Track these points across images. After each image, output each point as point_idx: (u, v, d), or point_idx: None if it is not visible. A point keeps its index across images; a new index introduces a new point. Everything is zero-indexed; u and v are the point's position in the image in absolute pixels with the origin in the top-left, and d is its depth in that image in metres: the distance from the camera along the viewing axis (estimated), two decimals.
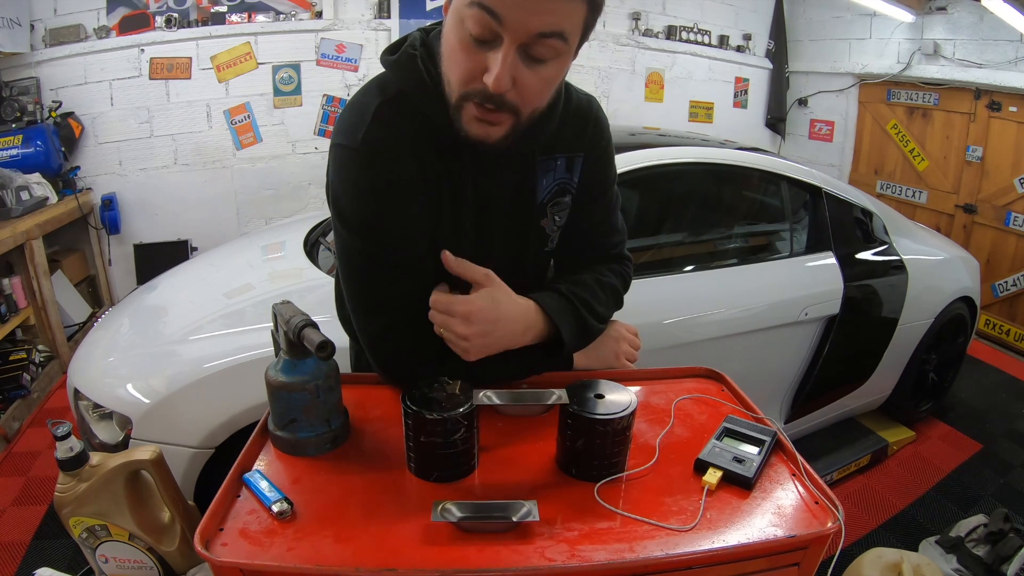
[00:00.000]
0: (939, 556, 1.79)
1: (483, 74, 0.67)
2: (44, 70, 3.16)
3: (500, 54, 0.65)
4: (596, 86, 4.08)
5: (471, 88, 0.69)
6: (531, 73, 0.68)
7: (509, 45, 0.65)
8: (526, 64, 0.68)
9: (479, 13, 0.64)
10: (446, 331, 0.77)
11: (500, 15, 0.63)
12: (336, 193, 0.79)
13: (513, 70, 0.67)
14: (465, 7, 0.65)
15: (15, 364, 2.62)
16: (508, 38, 0.65)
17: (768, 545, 0.63)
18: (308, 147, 3.65)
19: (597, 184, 0.93)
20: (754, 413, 0.84)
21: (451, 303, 0.76)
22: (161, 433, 1.43)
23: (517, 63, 0.67)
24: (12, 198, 2.67)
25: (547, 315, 0.83)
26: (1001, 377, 3.22)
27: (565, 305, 0.85)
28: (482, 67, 0.67)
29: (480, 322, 0.76)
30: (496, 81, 0.66)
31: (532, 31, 0.65)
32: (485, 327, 0.76)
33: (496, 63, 0.66)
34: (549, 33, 0.65)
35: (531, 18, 0.64)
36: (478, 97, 0.69)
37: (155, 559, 0.78)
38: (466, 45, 0.67)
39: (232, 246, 2.53)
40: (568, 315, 0.84)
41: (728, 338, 1.89)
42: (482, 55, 0.67)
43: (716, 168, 2.03)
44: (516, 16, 0.63)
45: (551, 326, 0.83)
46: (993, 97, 3.51)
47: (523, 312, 0.81)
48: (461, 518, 0.61)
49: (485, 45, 0.66)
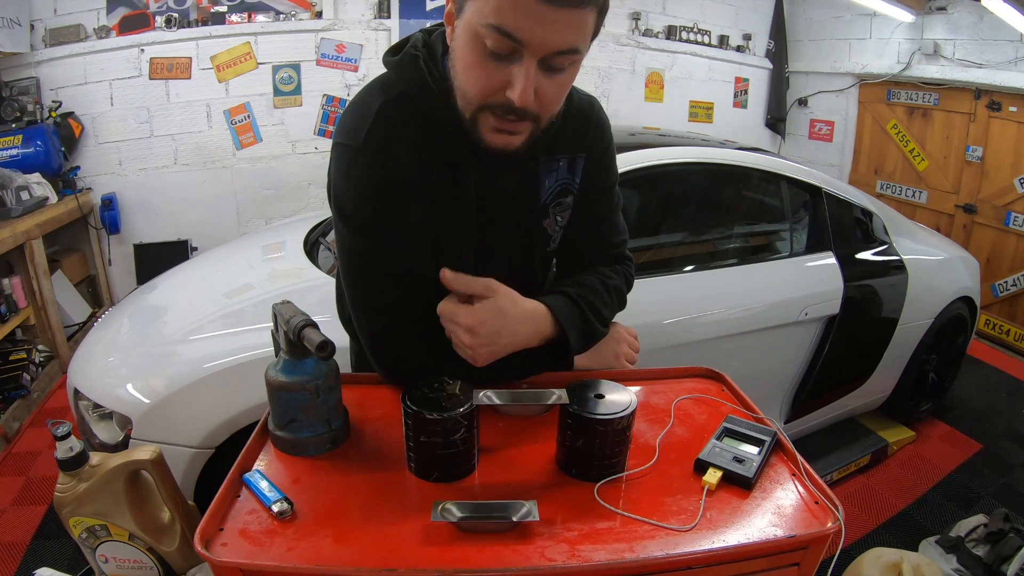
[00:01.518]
0: (939, 556, 1.79)
1: (503, 87, 0.69)
2: (44, 70, 3.16)
3: (522, 69, 0.67)
4: (596, 86, 4.08)
5: (492, 100, 0.70)
6: (550, 82, 0.70)
7: (531, 61, 0.67)
8: (545, 75, 0.69)
9: (498, 35, 0.65)
10: (454, 338, 0.78)
11: (521, 38, 0.65)
12: (338, 192, 0.80)
13: (535, 83, 0.68)
14: (483, 27, 0.66)
15: (15, 364, 2.62)
16: (529, 54, 0.66)
17: (768, 545, 0.63)
18: (308, 147, 3.65)
19: (599, 184, 0.93)
20: (754, 413, 0.84)
21: (455, 315, 0.77)
22: (161, 433, 1.43)
23: (538, 75, 0.68)
24: (12, 198, 2.67)
25: (556, 319, 0.83)
26: (1001, 377, 3.22)
27: (573, 309, 0.85)
28: (502, 81, 0.68)
29: (484, 334, 0.76)
30: (522, 96, 0.67)
31: (552, 49, 0.66)
32: (490, 338, 0.77)
33: (519, 78, 0.67)
34: (567, 50, 0.67)
35: (551, 38, 0.65)
36: (500, 109, 0.70)
37: (155, 559, 0.78)
38: (485, 60, 0.68)
39: (232, 246, 2.53)
40: (576, 319, 0.84)
41: (728, 338, 1.89)
42: (502, 69, 0.68)
43: (716, 168, 2.03)
44: (537, 38, 0.65)
45: (559, 330, 0.83)
46: (993, 97, 3.51)
47: (531, 317, 0.81)
48: (461, 518, 0.61)
49: (504, 59, 0.67)
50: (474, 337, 0.76)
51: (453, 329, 0.77)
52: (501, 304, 0.78)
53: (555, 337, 0.83)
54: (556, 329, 0.83)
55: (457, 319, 0.77)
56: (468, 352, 0.77)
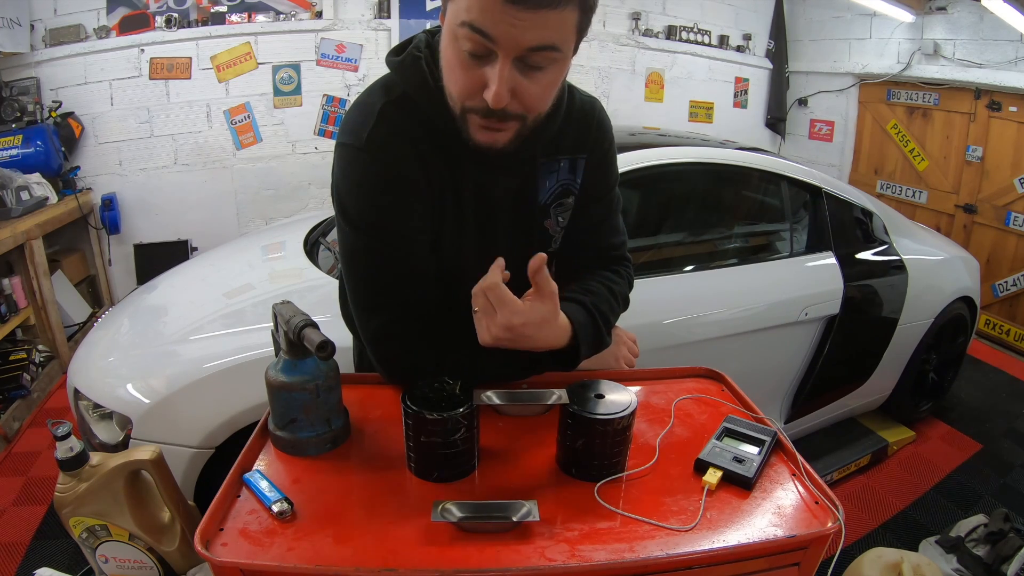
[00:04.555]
0: (939, 556, 1.79)
1: (482, 88, 0.68)
2: (44, 70, 3.15)
3: (495, 70, 0.66)
4: (596, 86, 4.08)
5: (472, 103, 0.70)
6: (530, 82, 0.69)
7: (504, 61, 0.66)
8: (524, 74, 0.68)
9: (470, 33, 0.65)
10: (482, 315, 0.73)
11: (491, 35, 0.64)
12: (340, 191, 0.80)
13: (511, 83, 0.67)
14: (457, 27, 0.66)
15: (15, 364, 2.62)
16: (502, 54, 0.65)
17: (768, 545, 0.63)
18: (308, 147, 3.65)
19: (599, 185, 0.93)
20: (754, 413, 0.84)
21: (501, 302, 0.71)
22: (161, 433, 1.43)
23: (514, 75, 0.67)
24: (12, 198, 2.67)
25: (573, 331, 0.81)
26: (1001, 377, 3.22)
27: (588, 319, 0.84)
28: (480, 82, 0.68)
29: (518, 336, 0.73)
30: (495, 98, 0.67)
31: (524, 46, 0.65)
32: (518, 340, 0.74)
33: (493, 80, 0.66)
34: (542, 47, 0.66)
35: (522, 35, 0.64)
36: (480, 112, 0.70)
37: (155, 559, 0.78)
38: (463, 61, 0.68)
39: (232, 246, 2.52)
40: (589, 329, 0.84)
41: (728, 338, 1.89)
42: (479, 70, 0.68)
43: (716, 168, 2.03)
44: (507, 34, 0.64)
45: (572, 341, 0.82)
46: (993, 97, 3.51)
47: (558, 335, 0.79)
48: (461, 518, 0.61)
49: (481, 60, 0.67)
50: (508, 331, 0.72)
51: (486, 310, 0.72)
52: (546, 314, 0.75)
53: (567, 345, 0.82)
54: (571, 340, 0.82)
55: (502, 306, 0.71)
56: (487, 336, 0.73)
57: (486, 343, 0.74)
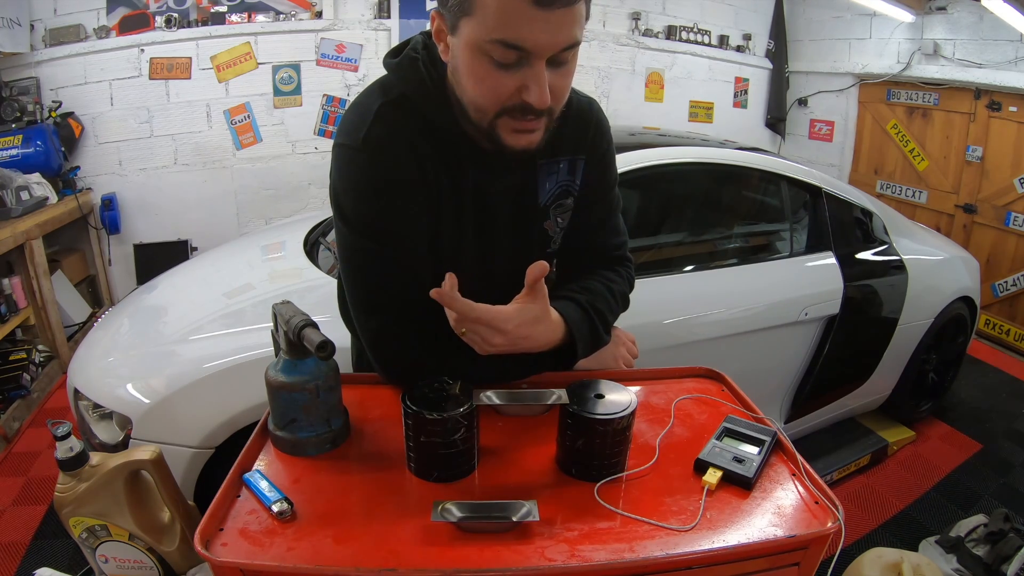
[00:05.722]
0: (939, 556, 1.79)
1: (518, 91, 0.70)
2: (44, 70, 3.15)
3: (535, 73, 0.69)
4: (596, 86, 4.07)
5: (509, 104, 0.72)
6: (559, 77, 0.72)
7: (540, 64, 0.69)
8: (553, 71, 0.71)
9: (505, 50, 0.67)
10: (472, 336, 0.74)
11: (528, 48, 0.67)
12: (337, 191, 0.80)
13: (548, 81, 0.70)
14: (486, 43, 0.67)
15: (15, 364, 2.62)
16: (536, 58, 0.68)
17: (768, 545, 0.63)
18: (308, 147, 3.65)
19: (599, 186, 0.93)
20: (754, 413, 0.84)
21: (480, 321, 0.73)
22: (161, 433, 1.43)
23: (548, 73, 0.70)
24: (12, 198, 2.67)
25: (568, 328, 0.82)
26: (1001, 377, 3.22)
27: (584, 317, 0.85)
28: (513, 86, 0.70)
29: (514, 339, 0.75)
30: (540, 98, 0.70)
31: (557, 48, 0.68)
32: (516, 342, 0.75)
33: (534, 83, 0.69)
34: (571, 45, 0.69)
35: (554, 38, 0.67)
36: (517, 112, 0.72)
37: (155, 559, 0.78)
38: (494, 72, 0.70)
39: (232, 246, 2.52)
40: (585, 327, 0.84)
41: (728, 338, 1.89)
42: (512, 75, 0.70)
43: (716, 168, 2.02)
44: (543, 43, 0.67)
45: (568, 338, 0.83)
46: (993, 97, 3.51)
47: (553, 326, 0.80)
48: (461, 518, 0.61)
49: (512, 67, 0.69)
50: (503, 337, 0.74)
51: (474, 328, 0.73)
52: (537, 312, 0.77)
53: (564, 344, 0.83)
54: (566, 337, 0.83)
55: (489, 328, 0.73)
56: (485, 347, 0.75)
57: (487, 353, 0.76)
